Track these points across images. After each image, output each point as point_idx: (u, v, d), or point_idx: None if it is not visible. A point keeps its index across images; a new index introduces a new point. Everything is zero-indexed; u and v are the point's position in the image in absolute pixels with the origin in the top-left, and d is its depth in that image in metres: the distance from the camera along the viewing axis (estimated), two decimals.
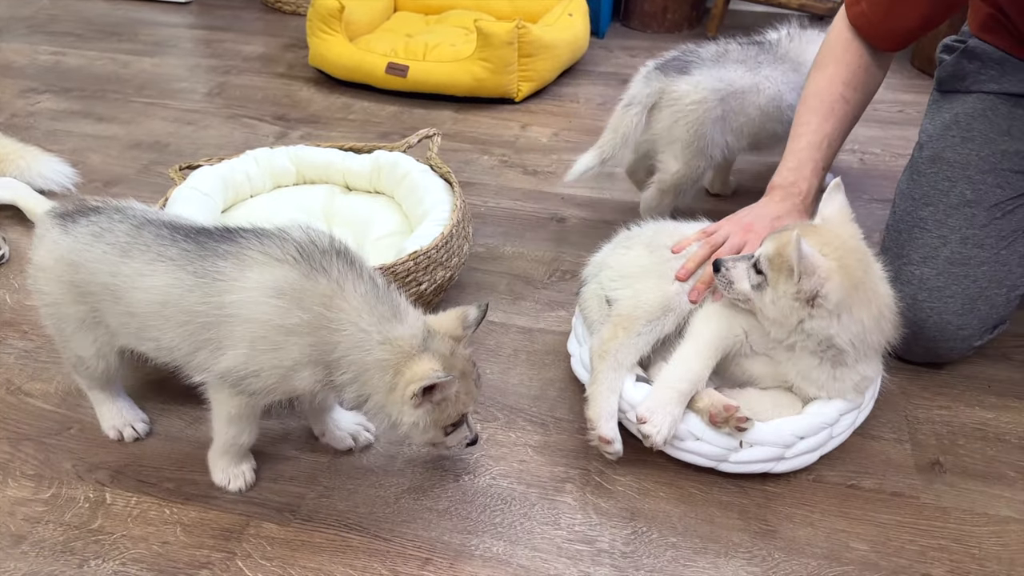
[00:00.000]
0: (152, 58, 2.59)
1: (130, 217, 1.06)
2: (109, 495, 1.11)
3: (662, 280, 1.18)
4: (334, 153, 1.70)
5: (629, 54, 2.66)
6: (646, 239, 1.26)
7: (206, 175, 1.56)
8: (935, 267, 1.28)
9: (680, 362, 1.11)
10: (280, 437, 1.21)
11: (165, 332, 1.00)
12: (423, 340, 0.97)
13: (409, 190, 1.60)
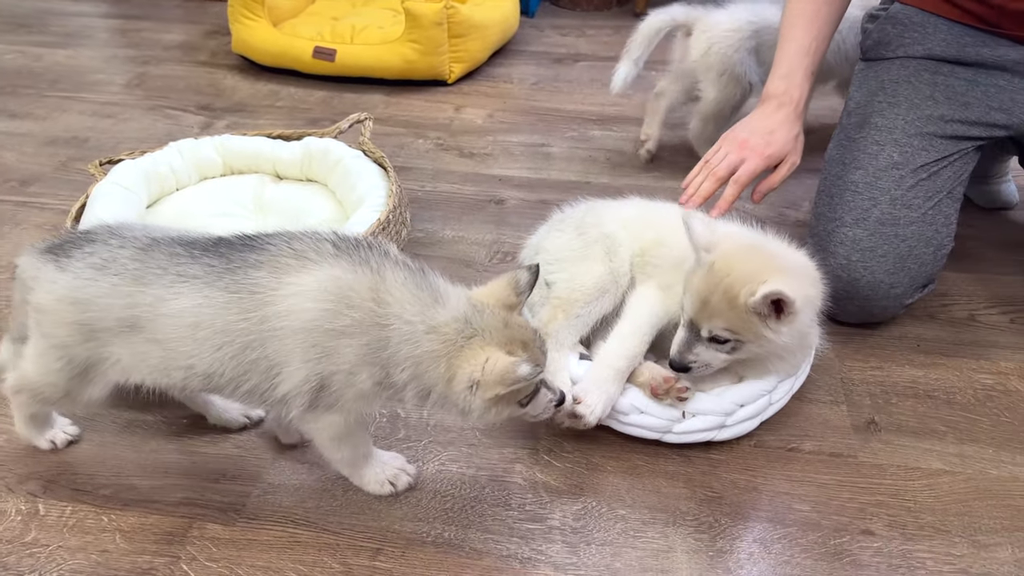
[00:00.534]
0: (65, 50, 2.48)
1: (131, 240, 0.95)
2: (42, 506, 1.07)
3: (594, 262, 1.19)
4: (262, 142, 1.66)
5: (560, 33, 2.66)
6: (576, 221, 1.26)
7: (128, 169, 1.50)
8: (867, 228, 1.32)
9: (617, 340, 1.11)
10: (220, 436, 1.18)
11: (201, 358, 0.92)
12: (467, 322, 0.91)
13: (342, 177, 1.57)
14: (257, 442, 1.17)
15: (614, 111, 2.15)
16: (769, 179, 1.30)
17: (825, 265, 1.29)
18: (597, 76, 2.34)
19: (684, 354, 1.08)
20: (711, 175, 1.26)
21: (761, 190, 1.32)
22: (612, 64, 2.41)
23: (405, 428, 1.20)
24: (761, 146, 1.26)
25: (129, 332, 0.93)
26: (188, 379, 0.95)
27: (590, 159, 1.93)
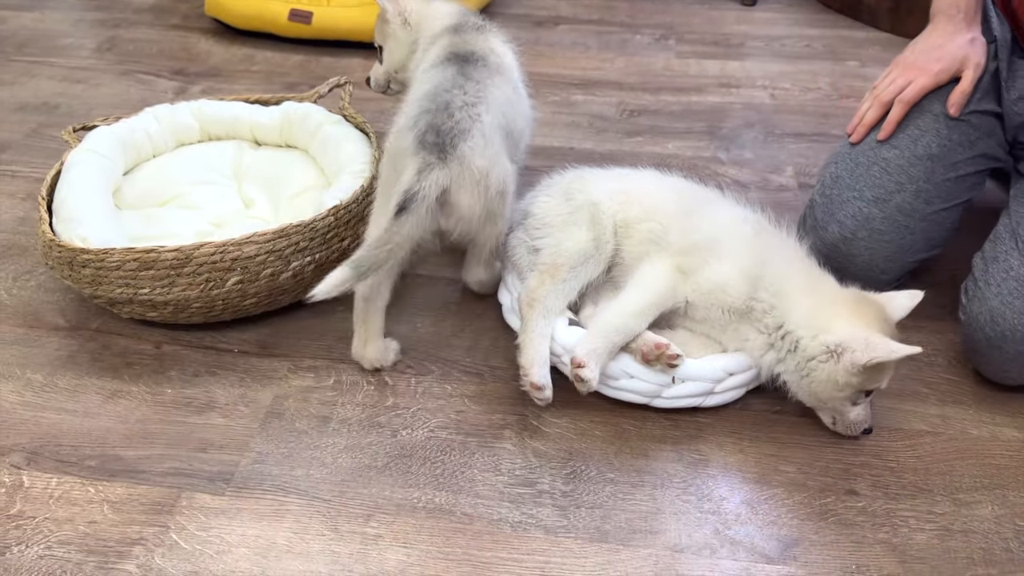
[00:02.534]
0: (31, 12, 2.40)
1: None
2: (27, 478, 1.06)
3: (579, 228, 1.19)
4: (240, 107, 1.62)
5: None
6: (564, 187, 1.26)
7: (103, 136, 1.46)
8: (883, 210, 1.28)
9: (619, 314, 1.11)
10: (206, 405, 1.17)
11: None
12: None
13: (323, 143, 1.54)
14: (244, 411, 1.16)
15: (597, 75, 2.13)
16: (959, 87, 1.26)
17: (822, 232, 1.32)
18: (579, 40, 2.32)
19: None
20: (876, 101, 1.28)
21: (953, 101, 1.27)
22: (594, 27, 2.40)
23: (394, 396, 1.20)
24: (930, 62, 1.25)
25: None
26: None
27: (573, 124, 1.91)
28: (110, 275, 1.17)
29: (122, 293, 1.18)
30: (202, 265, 1.17)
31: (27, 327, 1.29)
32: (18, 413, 1.15)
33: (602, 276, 1.19)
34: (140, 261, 1.16)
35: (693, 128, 1.90)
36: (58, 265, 1.21)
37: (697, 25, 2.42)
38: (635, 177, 1.29)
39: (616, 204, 1.22)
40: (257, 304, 1.27)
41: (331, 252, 1.28)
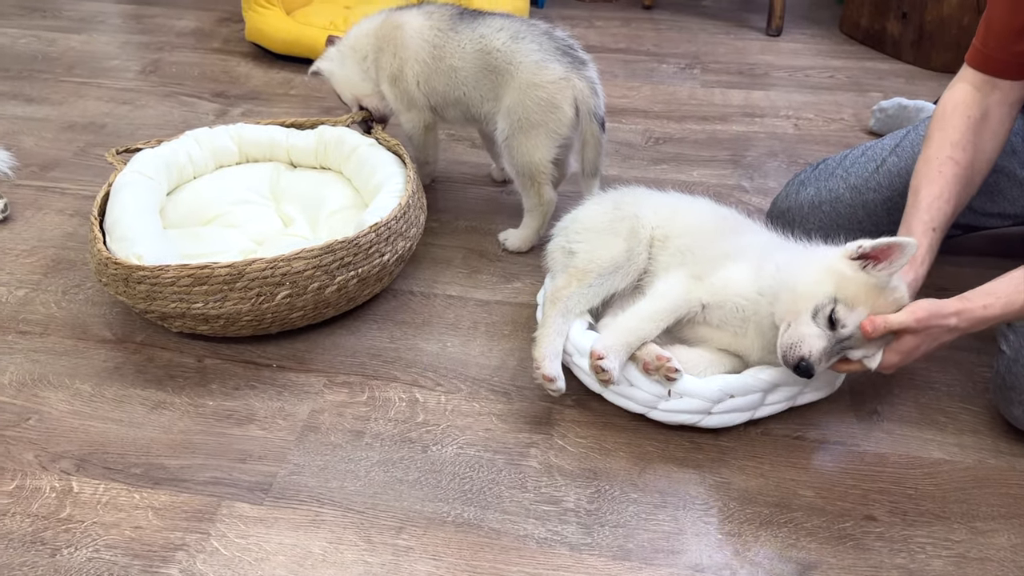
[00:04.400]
0: (80, 35, 2.50)
1: None
2: (76, 483, 1.11)
3: (617, 238, 1.25)
4: (277, 130, 1.69)
5: (569, 23, 2.68)
6: (615, 198, 1.33)
7: (148, 158, 1.53)
8: (853, 199, 1.40)
9: (635, 318, 1.16)
10: (246, 417, 1.22)
11: None
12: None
13: (358, 165, 1.61)
14: (282, 424, 1.21)
15: (623, 103, 2.18)
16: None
17: (800, 188, 1.48)
18: (606, 68, 2.37)
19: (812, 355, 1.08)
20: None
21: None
22: (620, 56, 2.46)
23: (424, 412, 1.24)
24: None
25: None
26: None
27: None
28: (164, 291, 1.23)
29: (175, 308, 1.24)
30: (254, 280, 1.23)
31: (76, 339, 1.35)
32: (68, 421, 1.20)
33: (628, 288, 1.24)
34: (194, 277, 1.22)
35: (717, 156, 1.94)
36: (112, 282, 1.27)
37: (722, 55, 2.47)
38: (687, 198, 1.35)
39: (659, 218, 1.28)
40: (303, 317, 1.33)
41: (372, 267, 1.33)
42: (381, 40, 1.58)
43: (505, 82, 1.48)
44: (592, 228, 1.28)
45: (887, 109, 2.00)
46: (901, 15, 2.39)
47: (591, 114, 1.45)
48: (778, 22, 2.58)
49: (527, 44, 1.46)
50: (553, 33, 1.50)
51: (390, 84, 1.60)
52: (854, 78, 2.34)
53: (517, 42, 1.46)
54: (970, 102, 1.26)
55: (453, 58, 1.52)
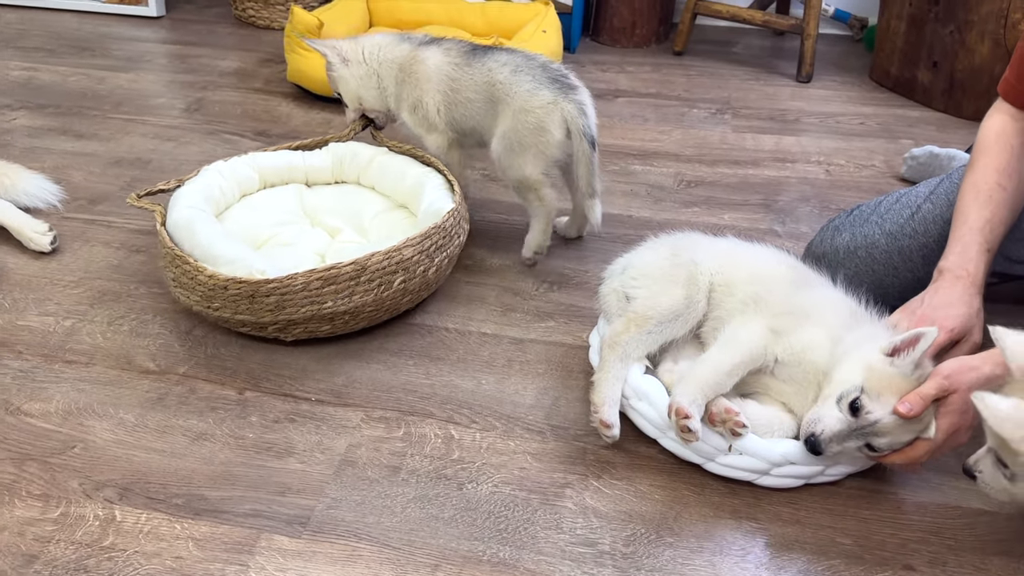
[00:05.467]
0: (127, 73, 2.58)
1: None
2: (119, 512, 1.13)
3: (676, 285, 1.26)
4: (291, 154, 1.77)
5: (600, 68, 2.73)
6: (671, 244, 1.35)
7: (191, 194, 1.55)
8: (889, 244, 1.41)
9: (713, 371, 1.16)
10: (285, 451, 1.24)
11: None
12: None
13: (380, 172, 1.73)
14: (320, 458, 1.22)
15: (655, 146, 2.21)
16: (953, 354, 1.18)
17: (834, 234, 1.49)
18: (638, 112, 2.41)
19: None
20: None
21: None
22: (652, 100, 2.50)
23: (459, 450, 1.25)
24: (946, 319, 1.17)
25: None
26: None
27: (631, 193, 1.99)
28: (295, 297, 1.33)
29: (305, 312, 1.35)
30: (376, 272, 1.37)
31: (120, 369, 1.38)
32: (112, 450, 1.23)
33: (688, 335, 1.25)
34: (323, 279, 1.33)
35: (749, 200, 1.96)
36: (231, 303, 1.35)
37: (753, 100, 2.50)
38: (746, 244, 1.36)
39: (719, 265, 1.28)
40: (411, 301, 1.49)
41: (455, 248, 1.53)
42: (405, 72, 1.70)
43: (502, 111, 1.62)
44: (650, 274, 1.29)
45: (919, 157, 2.01)
46: (932, 64, 2.41)
47: (581, 133, 1.57)
48: (808, 69, 2.62)
49: (523, 75, 1.60)
50: (549, 66, 1.63)
51: (410, 112, 1.73)
52: (885, 125, 2.35)
53: (516, 74, 1.60)
54: (1010, 132, 1.29)
55: (468, 90, 1.65)
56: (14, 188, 1.79)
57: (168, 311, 1.52)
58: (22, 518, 1.12)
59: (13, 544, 1.08)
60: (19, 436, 1.25)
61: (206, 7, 3.20)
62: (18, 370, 1.37)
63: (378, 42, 1.75)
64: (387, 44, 1.74)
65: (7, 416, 1.28)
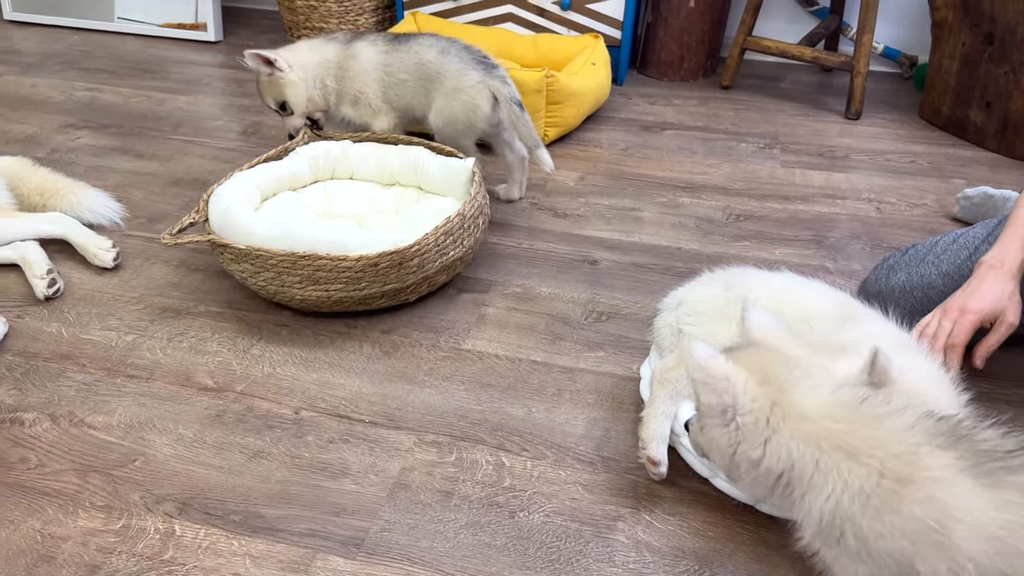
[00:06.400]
0: (186, 96, 2.66)
1: None
2: (178, 527, 1.15)
3: (730, 323, 1.25)
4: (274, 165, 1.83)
5: (648, 101, 2.75)
6: (725, 280, 1.34)
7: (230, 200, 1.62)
8: (946, 285, 1.39)
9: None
10: (339, 471, 1.25)
11: None
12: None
13: (360, 160, 1.91)
14: (374, 480, 1.24)
15: (703, 179, 2.21)
16: (985, 340, 1.28)
17: (890, 273, 1.51)
18: (685, 145, 2.42)
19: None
20: (932, 351, 1.25)
21: (979, 353, 1.29)
22: (699, 133, 2.51)
23: (511, 477, 1.26)
24: (972, 302, 1.25)
25: None
26: None
27: (680, 225, 1.99)
28: (430, 254, 1.55)
29: (438, 264, 1.58)
30: (463, 228, 1.62)
31: (180, 385, 1.41)
32: (171, 465, 1.25)
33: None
34: (445, 232, 1.56)
35: (799, 236, 1.95)
36: (381, 276, 1.51)
37: (801, 136, 2.50)
38: (800, 280, 1.35)
39: (772, 302, 1.27)
40: (465, 264, 1.69)
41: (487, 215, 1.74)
42: (342, 70, 1.94)
43: (435, 87, 1.90)
44: (704, 311, 1.29)
45: (972, 197, 1.99)
46: (985, 104, 2.39)
47: (509, 101, 1.85)
48: (858, 106, 2.61)
49: (451, 57, 1.88)
50: (471, 48, 1.91)
51: (351, 105, 1.98)
52: (936, 164, 2.34)
53: (443, 56, 1.88)
54: None
55: (401, 72, 1.92)
56: (79, 205, 1.85)
57: (226, 330, 1.56)
58: (85, 528, 1.14)
59: (77, 554, 1.10)
60: (83, 448, 1.28)
61: (262, 32, 3.30)
62: (82, 383, 1.41)
63: (309, 47, 1.96)
64: (318, 47, 1.96)
65: (71, 428, 1.31)
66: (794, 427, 0.83)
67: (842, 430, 0.81)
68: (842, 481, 0.79)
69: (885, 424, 0.80)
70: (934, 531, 0.72)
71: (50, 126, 2.41)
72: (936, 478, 0.74)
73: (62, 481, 1.22)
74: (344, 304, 1.54)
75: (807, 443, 0.82)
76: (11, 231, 1.72)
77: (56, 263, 1.71)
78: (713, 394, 0.85)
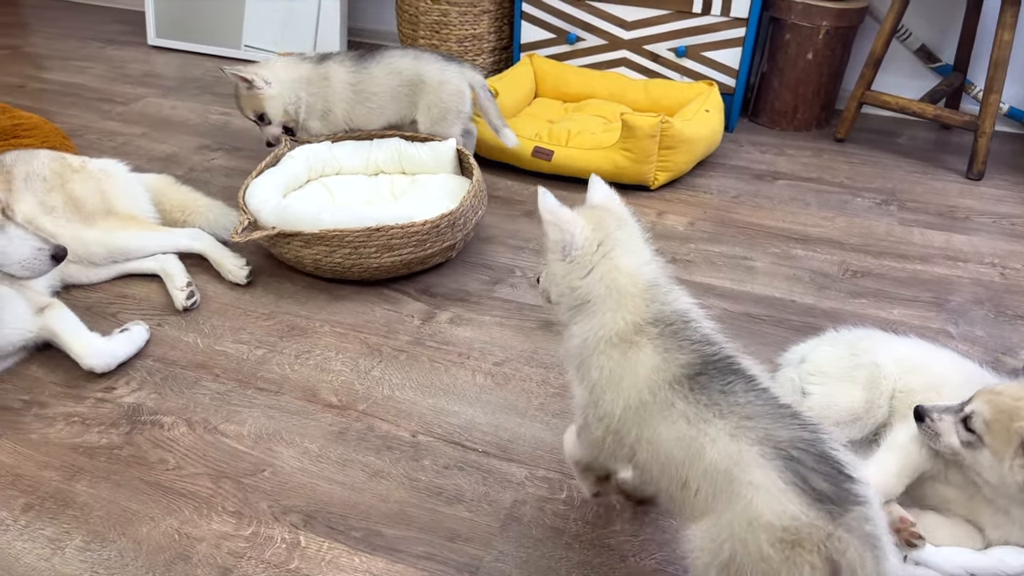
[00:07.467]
0: None
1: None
2: (303, 538, 1.20)
3: (856, 387, 1.23)
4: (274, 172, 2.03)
5: (759, 149, 2.74)
6: (850, 342, 1.32)
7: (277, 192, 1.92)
8: None
9: (878, 472, 1.14)
10: (454, 497, 1.28)
11: None
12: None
13: (346, 155, 2.17)
14: (487, 509, 1.26)
15: (817, 232, 2.18)
16: None
17: None
18: (798, 196, 2.39)
19: (937, 411, 1.12)
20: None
21: None
22: (812, 185, 2.48)
23: (620, 521, 1.26)
24: None
25: None
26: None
27: (794, 277, 1.97)
28: (468, 212, 1.88)
29: (474, 222, 1.92)
30: (482, 192, 1.97)
31: (306, 400, 1.48)
32: (297, 478, 1.31)
33: (866, 438, 1.22)
34: (475, 194, 1.91)
35: (919, 297, 1.90)
36: (441, 236, 1.83)
37: (919, 194, 2.44)
38: (927, 348, 1.32)
39: (900, 371, 1.25)
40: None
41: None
42: (314, 86, 2.17)
43: (419, 90, 2.17)
44: (828, 372, 1.28)
45: None
46: None
47: (482, 86, 2.20)
48: (981, 166, 2.53)
49: (426, 59, 2.17)
50: (438, 50, 2.39)
51: (320, 119, 2.21)
52: None
53: (419, 60, 2.16)
54: None
55: (370, 88, 2.16)
56: (216, 223, 1.97)
57: (348, 350, 1.62)
58: (218, 532, 1.20)
59: (210, 555, 1.16)
60: (216, 454, 1.35)
61: None
62: (216, 392, 1.49)
63: (284, 64, 2.19)
64: (292, 65, 2.19)
65: (206, 434, 1.39)
66: (606, 269, 1.04)
67: (629, 291, 1.03)
68: (605, 322, 1.03)
69: (651, 307, 1.02)
70: (619, 376, 1.00)
71: (188, 147, 2.57)
72: (640, 345, 0.99)
73: (197, 484, 1.29)
74: (411, 266, 1.82)
75: (601, 283, 1.04)
76: (155, 244, 1.84)
77: (191, 276, 1.82)
78: (558, 232, 1.04)
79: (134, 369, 1.54)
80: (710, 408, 0.92)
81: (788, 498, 0.84)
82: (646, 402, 0.96)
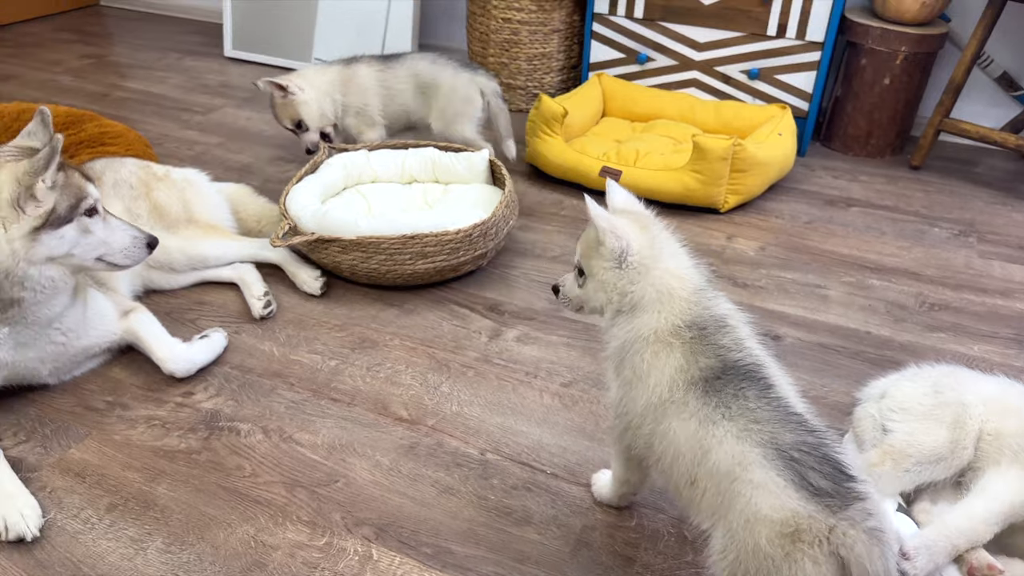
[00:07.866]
0: None
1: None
2: (375, 551, 1.21)
3: (940, 426, 1.19)
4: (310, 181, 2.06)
5: (832, 174, 2.69)
6: (934, 379, 1.29)
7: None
8: None
9: (966, 517, 1.10)
10: (523, 519, 1.28)
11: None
12: None
13: (381, 165, 2.23)
14: (556, 533, 1.26)
15: (892, 262, 2.13)
16: None
17: None
18: (872, 224, 2.34)
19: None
20: None
21: None
22: (887, 213, 2.42)
23: (693, 552, 1.24)
24: None
25: None
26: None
27: (869, 308, 1.92)
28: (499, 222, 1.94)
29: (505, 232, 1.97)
30: (512, 203, 2.02)
31: (377, 413, 1.50)
32: (369, 490, 1.33)
33: (950, 479, 1.19)
34: (506, 204, 1.96)
35: (1000, 333, 1.84)
36: (475, 244, 1.88)
37: (1000, 226, 2.36)
38: (1018, 388, 1.28)
39: (989, 412, 1.21)
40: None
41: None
42: (346, 86, 2.33)
43: (434, 91, 2.33)
44: (910, 409, 1.24)
45: None
46: None
47: (496, 95, 2.36)
48: None
49: (442, 64, 2.33)
50: (454, 56, 2.38)
51: (355, 117, 2.37)
52: None
53: (435, 64, 2.32)
54: None
55: (398, 84, 2.33)
56: None
57: (418, 365, 1.64)
58: (293, 541, 1.22)
59: (285, 564, 1.18)
60: (291, 463, 1.38)
61: None
62: (291, 401, 1.52)
63: (315, 70, 2.35)
64: (322, 70, 2.35)
65: (281, 443, 1.42)
66: (659, 273, 1.06)
67: (679, 294, 1.05)
68: (647, 322, 1.05)
69: (693, 310, 1.04)
70: (647, 372, 1.03)
71: (263, 157, 2.64)
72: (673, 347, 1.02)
73: (272, 492, 1.31)
74: (444, 273, 1.87)
75: (652, 288, 1.06)
76: (233, 253, 1.89)
77: (270, 287, 1.86)
78: (615, 239, 1.05)
79: (212, 375, 1.58)
80: (719, 410, 0.96)
81: (786, 493, 0.88)
82: (665, 400, 1.00)
